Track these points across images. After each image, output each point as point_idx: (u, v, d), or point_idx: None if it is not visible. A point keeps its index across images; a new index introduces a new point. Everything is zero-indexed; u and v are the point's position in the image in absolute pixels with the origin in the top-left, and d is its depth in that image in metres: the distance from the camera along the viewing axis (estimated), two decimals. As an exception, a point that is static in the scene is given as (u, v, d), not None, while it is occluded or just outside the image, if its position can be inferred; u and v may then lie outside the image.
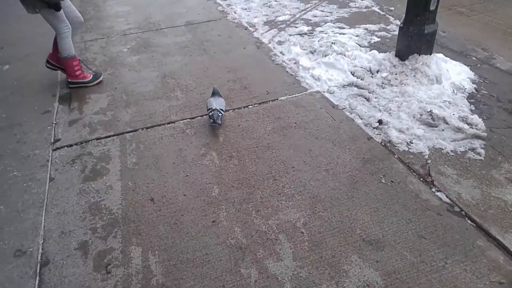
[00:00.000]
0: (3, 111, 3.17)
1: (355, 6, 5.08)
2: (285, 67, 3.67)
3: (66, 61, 3.32)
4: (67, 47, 3.27)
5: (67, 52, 3.29)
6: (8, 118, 3.09)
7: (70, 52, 3.30)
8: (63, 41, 3.24)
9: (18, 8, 5.34)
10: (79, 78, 3.43)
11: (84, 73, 3.48)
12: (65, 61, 3.33)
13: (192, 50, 4.06)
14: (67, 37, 3.24)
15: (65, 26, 3.20)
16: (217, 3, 5.27)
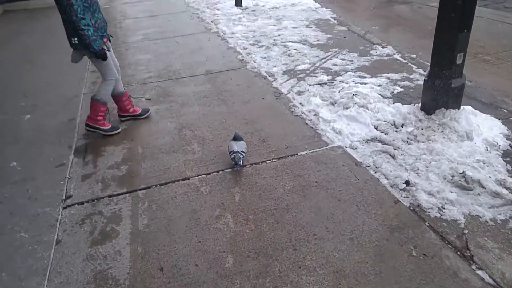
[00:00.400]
0: (20, 164, 3.15)
1: (376, 54, 5.02)
2: (304, 119, 3.56)
3: (96, 103, 3.39)
4: (106, 93, 3.39)
5: (102, 97, 3.38)
6: (23, 171, 3.05)
7: (105, 98, 3.39)
8: (106, 87, 3.37)
9: (43, 56, 5.61)
10: (98, 123, 3.46)
11: (105, 121, 3.51)
12: (95, 102, 3.39)
13: (210, 100, 4.02)
14: (111, 84, 3.37)
15: (113, 74, 3.35)
16: (237, 51, 5.32)
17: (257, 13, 7.34)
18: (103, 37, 3.19)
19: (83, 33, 2.98)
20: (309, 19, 6.69)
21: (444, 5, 2.89)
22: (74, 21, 2.93)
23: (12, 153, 3.30)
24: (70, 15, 2.91)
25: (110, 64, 3.31)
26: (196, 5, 8.29)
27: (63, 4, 2.90)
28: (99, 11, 3.16)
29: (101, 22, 3.18)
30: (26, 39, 6.57)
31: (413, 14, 6.86)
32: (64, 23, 3.09)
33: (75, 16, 2.92)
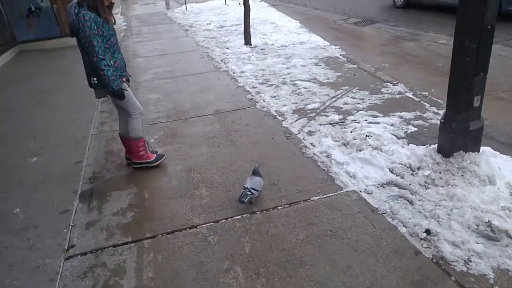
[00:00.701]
0: (23, 210, 3.06)
1: (387, 92, 4.97)
2: (316, 160, 3.45)
3: (133, 141, 3.39)
4: (137, 128, 3.38)
5: (136, 133, 3.38)
6: (26, 218, 2.96)
7: (137, 134, 3.39)
8: (134, 122, 3.35)
9: (55, 97, 5.68)
10: (143, 158, 3.47)
11: (148, 153, 3.51)
12: (132, 142, 3.40)
13: (219, 141, 3.96)
14: (137, 118, 3.36)
15: (137, 108, 3.34)
16: (247, 90, 5.32)
17: (266, 51, 7.43)
18: (121, 76, 3.21)
19: (102, 73, 2.99)
20: (318, 57, 6.74)
21: (458, 48, 2.83)
22: (95, 62, 2.95)
23: (16, 198, 3.23)
24: (92, 56, 2.93)
25: (132, 99, 3.31)
26: (206, 44, 8.46)
27: (85, 46, 2.93)
28: (119, 51, 3.21)
29: (120, 62, 3.21)
30: (39, 80, 6.71)
31: (422, 51, 6.88)
32: (84, 64, 3.13)
33: (96, 57, 2.94)
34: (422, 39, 7.55)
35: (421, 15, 9.61)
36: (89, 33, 2.87)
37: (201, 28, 10.44)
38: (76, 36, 2.97)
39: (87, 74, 3.14)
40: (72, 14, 2.88)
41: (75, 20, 2.87)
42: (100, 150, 3.95)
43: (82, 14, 2.85)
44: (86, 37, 2.87)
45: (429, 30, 8.12)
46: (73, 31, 2.96)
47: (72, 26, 2.91)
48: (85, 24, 2.85)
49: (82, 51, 3.05)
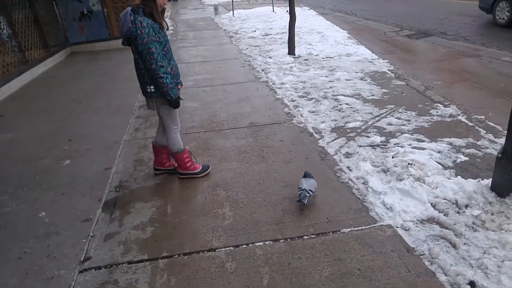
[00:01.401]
0: (48, 214, 3.09)
1: (437, 114, 4.56)
2: (351, 187, 3.19)
3: (177, 155, 3.38)
4: (177, 141, 3.35)
5: (177, 147, 3.36)
6: (49, 224, 2.97)
7: (179, 146, 3.37)
8: (173, 137, 3.32)
9: (96, 99, 5.83)
10: (189, 169, 3.46)
11: (194, 164, 3.49)
12: (176, 155, 3.39)
13: (250, 157, 3.81)
14: (175, 132, 3.33)
15: (176, 123, 3.32)
16: (285, 103, 5.14)
17: (310, 62, 7.21)
18: (177, 83, 3.15)
19: (161, 80, 2.93)
20: (365, 71, 6.40)
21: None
22: (154, 69, 2.88)
23: (44, 201, 3.27)
24: (150, 63, 2.86)
25: (176, 113, 3.27)
26: (249, 52, 8.38)
27: (143, 53, 2.85)
28: (172, 57, 3.14)
29: (175, 69, 3.15)
30: (85, 81, 6.95)
31: (482, 68, 6.31)
32: (139, 72, 3.05)
33: (155, 64, 2.87)
34: (482, 55, 6.95)
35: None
36: (147, 40, 2.81)
37: (246, 35, 10.41)
38: (133, 44, 2.90)
39: (143, 82, 3.05)
40: (128, 22, 2.80)
41: (132, 28, 2.79)
42: (131, 157, 3.95)
43: (139, 20, 2.79)
44: (144, 44, 2.81)
45: (492, 45, 7.47)
46: (130, 39, 2.87)
47: (129, 34, 2.82)
48: (143, 31, 2.79)
49: (138, 59, 2.96)
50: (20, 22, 7.28)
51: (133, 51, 2.97)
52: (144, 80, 3.04)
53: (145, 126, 4.68)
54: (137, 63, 3.01)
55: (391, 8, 13.11)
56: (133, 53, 2.99)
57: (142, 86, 3.10)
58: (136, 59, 2.99)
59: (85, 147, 4.22)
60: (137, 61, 3.00)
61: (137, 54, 2.94)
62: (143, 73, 3.01)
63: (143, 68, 2.98)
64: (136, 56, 2.97)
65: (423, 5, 12.93)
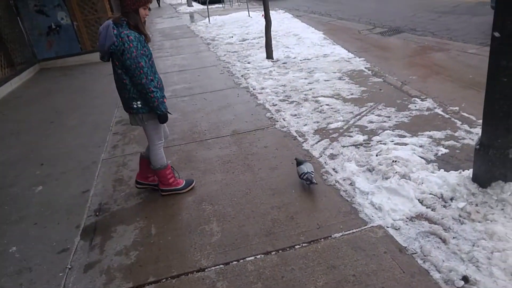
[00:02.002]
0: (18, 249, 2.90)
1: (415, 108, 4.62)
2: (339, 189, 3.18)
3: (160, 171, 3.26)
4: (161, 157, 3.24)
5: (160, 163, 3.24)
6: (21, 259, 2.79)
7: (163, 162, 3.26)
8: (158, 152, 3.21)
9: (68, 117, 5.62)
10: (172, 185, 3.35)
11: (176, 179, 3.38)
12: (158, 172, 3.27)
13: (235, 166, 3.75)
14: (160, 148, 3.23)
15: (161, 138, 3.22)
16: (266, 108, 5.11)
17: (288, 65, 7.22)
18: (163, 97, 3.01)
19: (152, 95, 2.83)
20: (342, 70, 6.45)
21: (495, 68, 2.51)
22: (144, 84, 2.77)
23: (14, 235, 3.07)
24: (140, 78, 2.74)
25: (161, 128, 3.18)
26: (227, 58, 8.35)
27: (131, 68, 2.71)
28: (156, 71, 3.01)
29: (161, 83, 3.04)
30: (56, 99, 6.71)
31: (452, 62, 6.46)
32: (122, 88, 2.88)
33: (145, 79, 2.76)
34: (450, 49, 7.12)
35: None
36: (136, 54, 2.69)
37: (223, 41, 10.37)
38: (117, 59, 2.75)
39: (128, 98, 2.89)
40: (111, 36, 2.64)
41: (118, 42, 2.65)
42: (110, 177, 3.81)
43: (126, 34, 2.67)
44: (132, 59, 2.68)
45: (458, 39, 7.66)
46: (113, 54, 2.73)
47: (113, 48, 2.67)
48: (131, 45, 2.66)
49: (121, 74, 2.81)
50: (-18, 40, 6.99)
51: (116, 66, 2.82)
52: (129, 96, 2.89)
53: (123, 143, 4.55)
54: (120, 79, 2.85)
55: (363, 7, 13.34)
56: (115, 68, 2.83)
57: (126, 102, 2.95)
58: (120, 74, 2.83)
59: (59, 170, 4.04)
60: (121, 77, 2.83)
61: (121, 69, 2.80)
62: (129, 89, 2.86)
63: (128, 84, 2.84)
64: (119, 71, 2.81)
65: (392, 3, 13.23)
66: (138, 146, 4.43)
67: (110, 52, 2.73)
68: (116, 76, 2.89)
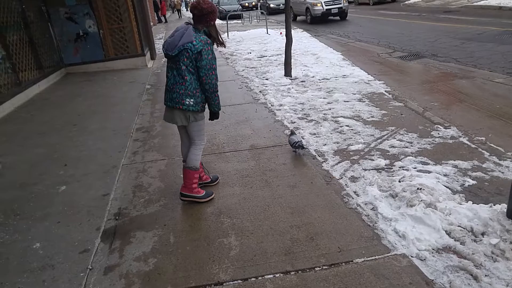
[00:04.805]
0: (42, 246, 2.91)
1: (438, 135, 4.53)
2: (360, 213, 3.08)
3: (190, 171, 3.29)
4: (198, 158, 3.32)
5: (195, 164, 3.29)
6: (44, 256, 2.80)
7: (197, 164, 3.31)
8: (197, 152, 3.30)
9: (90, 121, 5.71)
10: (193, 192, 3.35)
11: (198, 188, 3.40)
12: (190, 171, 3.29)
13: (253, 181, 3.69)
14: (201, 149, 3.34)
15: (203, 139, 3.34)
16: (284, 125, 5.07)
17: (307, 84, 7.21)
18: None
19: (216, 94, 3.12)
20: (362, 92, 6.41)
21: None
22: (214, 83, 3.03)
23: (38, 231, 3.09)
24: (211, 78, 2.99)
25: (204, 129, 3.33)
26: (246, 73, 8.39)
27: (205, 67, 2.94)
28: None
29: None
30: (79, 103, 6.82)
31: (477, 90, 6.36)
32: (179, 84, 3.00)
33: (216, 79, 3.04)
34: (476, 77, 7.02)
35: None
36: (212, 56, 2.97)
37: (241, 57, 10.46)
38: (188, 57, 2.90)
39: (182, 94, 3.01)
40: (190, 35, 2.89)
41: (197, 42, 2.87)
42: (129, 183, 3.80)
43: (205, 38, 2.95)
44: (208, 60, 2.94)
45: (483, 67, 7.58)
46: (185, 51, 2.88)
47: (189, 46, 2.87)
48: (209, 48, 2.94)
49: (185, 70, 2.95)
50: (15, 43, 7.19)
51: (181, 62, 2.93)
52: (184, 92, 3.01)
53: (143, 150, 4.55)
54: (180, 74, 2.98)
55: (383, 30, 13.39)
56: (180, 64, 2.95)
57: (178, 97, 3.02)
58: (182, 71, 2.96)
59: (81, 172, 4.06)
60: (182, 73, 2.97)
61: (186, 66, 2.94)
62: (187, 85, 3.00)
63: (188, 81, 2.99)
64: (183, 67, 2.94)
65: (411, 28, 13.24)
66: (158, 154, 4.42)
67: (182, 49, 2.89)
68: (176, 72, 3.02)
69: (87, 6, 8.99)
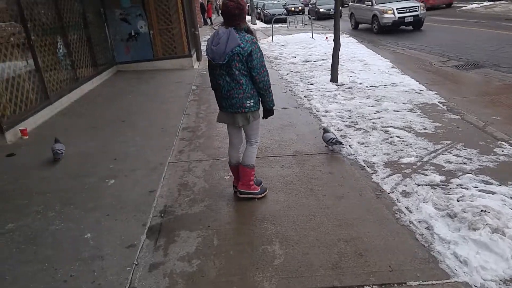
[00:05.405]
0: (93, 236, 2.99)
1: (502, 153, 4.16)
2: (414, 231, 2.88)
3: (248, 169, 3.30)
4: (255, 155, 3.32)
5: (252, 161, 3.31)
6: (94, 247, 2.87)
7: (253, 162, 3.32)
8: (254, 150, 3.30)
9: (138, 118, 5.87)
10: (251, 188, 3.37)
11: (254, 184, 3.42)
12: (245, 169, 3.30)
13: (297, 188, 3.58)
14: (257, 146, 3.33)
15: (258, 136, 3.34)
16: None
17: (354, 90, 6.99)
18: None
19: (270, 90, 3.08)
20: (413, 102, 6.09)
21: None
22: (267, 81, 2.99)
23: (89, 222, 3.19)
24: (263, 75, 2.95)
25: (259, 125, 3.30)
26: (290, 78, 8.29)
27: (257, 67, 2.88)
28: None
29: None
30: (128, 100, 7.06)
31: (546, 106, 5.85)
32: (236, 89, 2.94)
33: (267, 76, 3.00)
34: (543, 90, 6.48)
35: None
36: (260, 53, 2.91)
37: (286, 60, 10.37)
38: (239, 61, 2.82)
39: (242, 98, 2.97)
40: (235, 39, 2.78)
41: (244, 44, 2.80)
42: (175, 181, 3.83)
43: (250, 37, 2.88)
44: (258, 58, 2.88)
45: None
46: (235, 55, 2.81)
47: (238, 50, 2.79)
48: (256, 46, 2.87)
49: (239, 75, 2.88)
50: (75, 42, 7.61)
51: (233, 67, 2.86)
52: (244, 96, 2.98)
53: (189, 149, 4.59)
54: (235, 80, 2.92)
55: (436, 38, 12.76)
56: (233, 70, 2.87)
57: (239, 102, 2.99)
58: (236, 76, 2.90)
59: (129, 167, 4.16)
60: (236, 78, 2.91)
61: (238, 70, 2.88)
62: (244, 88, 2.97)
63: (244, 83, 2.95)
64: (236, 72, 2.88)
65: (469, 36, 12.51)
66: (202, 154, 4.44)
67: (231, 55, 2.82)
68: (229, 78, 2.95)
69: (140, 8, 9.35)
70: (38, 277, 2.58)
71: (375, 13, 14.88)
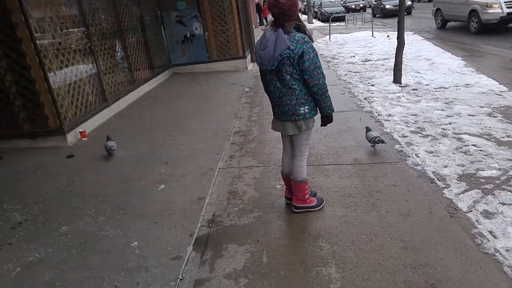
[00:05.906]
0: (139, 245, 2.90)
1: None
2: (501, 262, 2.41)
3: (301, 184, 3.05)
4: (305, 169, 3.06)
5: (304, 176, 3.05)
6: (140, 256, 2.78)
7: (305, 175, 3.06)
8: (303, 164, 3.02)
9: (192, 121, 5.83)
10: (306, 202, 3.13)
11: (310, 197, 3.17)
12: (300, 185, 3.05)
13: (356, 202, 3.23)
14: (305, 159, 3.04)
15: (308, 148, 3.05)
16: (394, 139, 4.45)
17: (420, 92, 6.38)
18: None
19: (327, 94, 2.75)
20: (492, 105, 5.38)
21: None
22: (322, 84, 2.67)
23: (137, 229, 3.12)
24: (318, 78, 2.63)
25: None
26: (348, 78, 7.83)
27: (309, 69, 2.58)
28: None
29: None
30: (183, 102, 7.10)
31: None
32: (288, 95, 2.70)
33: (323, 78, 2.68)
34: None
35: None
36: (314, 54, 2.60)
37: (344, 60, 9.89)
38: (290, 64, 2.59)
39: (295, 104, 2.71)
40: (284, 41, 2.53)
41: (295, 45, 2.53)
42: (224, 188, 3.67)
43: (301, 36, 2.58)
44: (311, 59, 2.58)
45: None
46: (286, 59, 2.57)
47: (288, 53, 2.55)
48: (308, 46, 2.58)
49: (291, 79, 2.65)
50: (132, 45, 7.84)
51: (284, 72, 2.63)
52: (297, 102, 2.72)
53: (239, 154, 4.43)
54: (287, 85, 2.68)
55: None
56: (283, 75, 2.64)
57: (292, 109, 2.74)
58: (287, 81, 2.66)
59: (180, 172, 4.09)
60: (288, 83, 2.67)
61: (290, 75, 2.64)
62: (297, 94, 2.70)
63: (297, 89, 2.69)
64: (288, 77, 2.64)
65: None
66: (253, 160, 4.26)
67: (281, 59, 2.58)
68: (280, 84, 2.72)
69: (195, 10, 9.43)
70: (85, 285, 2.54)
71: (475, 7, 11.88)
